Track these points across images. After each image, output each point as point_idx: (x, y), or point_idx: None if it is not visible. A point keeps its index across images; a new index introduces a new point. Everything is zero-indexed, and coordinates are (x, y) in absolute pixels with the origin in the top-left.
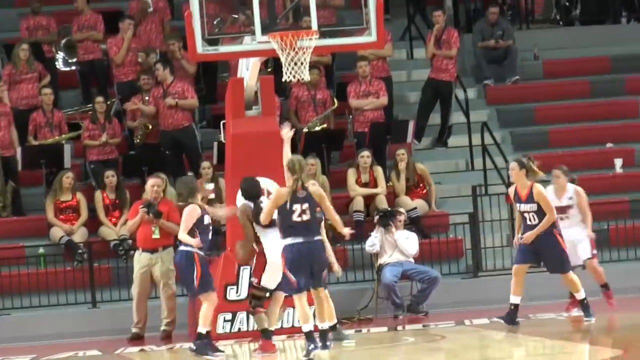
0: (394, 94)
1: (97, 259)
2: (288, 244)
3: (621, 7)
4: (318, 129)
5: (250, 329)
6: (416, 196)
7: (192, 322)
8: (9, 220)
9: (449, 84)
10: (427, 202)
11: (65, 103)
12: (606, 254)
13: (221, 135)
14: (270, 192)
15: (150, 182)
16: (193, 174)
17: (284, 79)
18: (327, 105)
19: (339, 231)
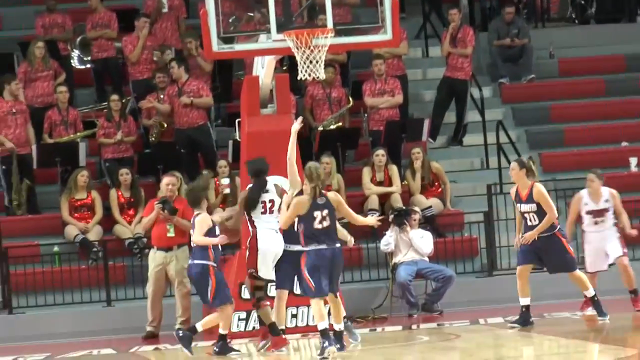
0: (409, 93)
1: (112, 257)
2: (310, 249)
3: (637, 6)
4: (333, 127)
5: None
6: (431, 195)
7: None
8: (24, 218)
9: (465, 83)
10: (442, 201)
11: (80, 101)
12: None
13: (236, 133)
14: (285, 191)
15: (165, 181)
16: (209, 171)
17: (299, 77)
18: (342, 104)
19: (367, 224)
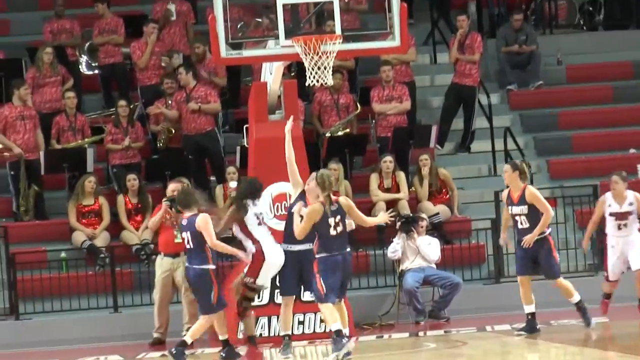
0: (417, 99)
1: (119, 264)
2: (324, 256)
3: None
4: (341, 133)
5: (271, 334)
6: (439, 201)
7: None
8: (32, 224)
9: (472, 89)
10: (450, 208)
11: (88, 107)
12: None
13: (244, 139)
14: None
15: (171, 187)
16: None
17: (307, 84)
18: (350, 110)
19: (378, 222)
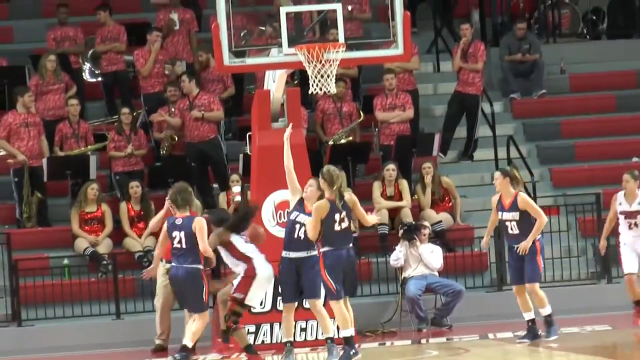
0: (420, 107)
1: (122, 270)
2: (328, 251)
3: None
4: (344, 141)
5: (274, 341)
6: (441, 209)
7: (216, 333)
8: (34, 230)
9: (475, 98)
10: (452, 216)
11: (91, 114)
12: None
13: (247, 147)
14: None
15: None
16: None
17: (310, 92)
18: (353, 118)
19: (373, 222)
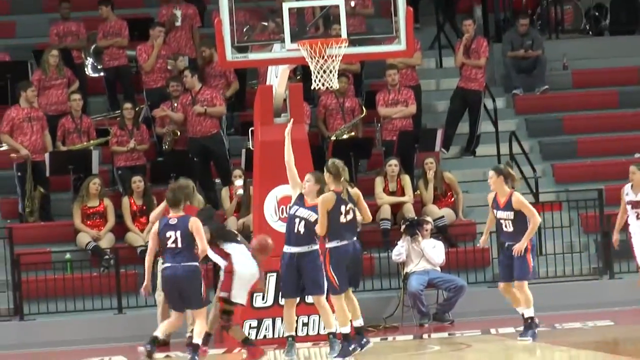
0: (422, 103)
1: (124, 265)
2: (335, 246)
3: None
4: (346, 137)
5: (275, 336)
6: (443, 205)
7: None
8: (36, 225)
9: (478, 93)
10: (455, 211)
11: (93, 109)
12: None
13: (250, 142)
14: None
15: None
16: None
17: (312, 87)
18: (356, 114)
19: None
